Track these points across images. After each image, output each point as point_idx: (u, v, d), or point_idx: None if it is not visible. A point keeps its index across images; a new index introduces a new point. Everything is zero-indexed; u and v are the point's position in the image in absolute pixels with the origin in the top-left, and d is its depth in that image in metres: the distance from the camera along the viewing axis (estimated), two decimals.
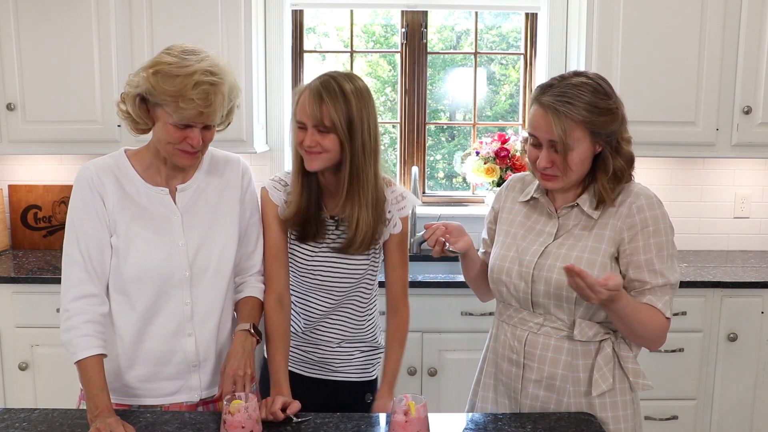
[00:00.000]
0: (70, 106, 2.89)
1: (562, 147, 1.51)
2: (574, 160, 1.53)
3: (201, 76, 1.47)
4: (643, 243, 1.54)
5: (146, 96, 1.52)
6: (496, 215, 1.79)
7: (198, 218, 1.63)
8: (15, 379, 2.80)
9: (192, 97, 1.47)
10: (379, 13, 3.54)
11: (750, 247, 3.35)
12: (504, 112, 3.60)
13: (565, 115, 1.49)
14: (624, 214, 1.56)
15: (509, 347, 1.66)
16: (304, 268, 1.78)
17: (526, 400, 1.63)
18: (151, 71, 1.49)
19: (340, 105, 1.62)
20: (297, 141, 1.68)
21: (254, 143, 2.95)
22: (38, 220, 3.27)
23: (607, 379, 1.56)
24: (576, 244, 1.58)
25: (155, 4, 2.83)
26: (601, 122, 1.51)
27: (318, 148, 1.64)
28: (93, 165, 1.60)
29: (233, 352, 1.59)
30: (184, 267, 1.60)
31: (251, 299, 1.72)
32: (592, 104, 1.50)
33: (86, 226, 1.56)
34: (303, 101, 1.66)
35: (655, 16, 2.83)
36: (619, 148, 1.56)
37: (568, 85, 1.52)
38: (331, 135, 1.64)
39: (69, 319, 1.52)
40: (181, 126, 1.52)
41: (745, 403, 2.81)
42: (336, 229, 1.77)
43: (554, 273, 1.57)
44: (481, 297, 1.89)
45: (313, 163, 1.66)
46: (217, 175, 1.68)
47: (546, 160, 1.55)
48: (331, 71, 1.70)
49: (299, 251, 1.79)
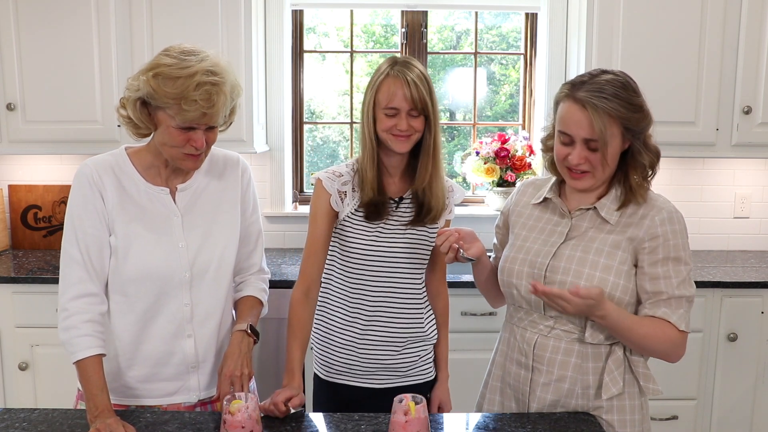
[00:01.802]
0: (70, 106, 2.89)
1: (602, 143, 1.50)
2: (611, 157, 1.53)
3: (202, 76, 1.45)
4: (663, 255, 1.53)
5: (147, 99, 1.49)
6: (506, 219, 1.78)
7: (198, 219, 1.62)
8: (15, 379, 2.80)
9: (194, 98, 1.45)
10: (379, 13, 3.54)
11: (750, 247, 3.35)
12: (504, 112, 3.60)
13: (603, 110, 1.48)
14: (646, 225, 1.54)
15: (518, 350, 1.65)
16: (371, 246, 1.80)
17: (534, 403, 1.62)
18: (151, 74, 1.46)
19: (426, 87, 1.75)
20: (384, 127, 1.75)
21: (254, 143, 2.95)
22: (38, 220, 3.27)
23: (618, 383, 1.55)
24: (590, 247, 1.57)
25: (155, 5, 2.83)
26: (635, 119, 1.51)
27: (410, 131, 1.75)
28: (93, 162, 1.58)
29: (230, 352, 1.59)
30: (184, 268, 1.59)
31: (250, 299, 1.71)
32: (626, 100, 1.50)
33: (86, 224, 1.55)
34: (393, 89, 1.73)
35: (655, 16, 2.83)
36: (647, 143, 1.56)
37: (601, 82, 1.51)
38: (421, 117, 1.75)
39: (68, 319, 1.51)
40: (185, 128, 1.50)
41: (745, 403, 2.81)
42: (396, 209, 1.83)
43: (569, 276, 1.55)
44: (492, 303, 1.87)
45: (404, 145, 1.77)
46: (216, 174, 1.67)
47: (579, 157, 1.53)
48: (396, 58, 1.81)
49: (365, 231, 1.81)
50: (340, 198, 1.82)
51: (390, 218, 1.83)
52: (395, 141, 1.76)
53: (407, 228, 1.83)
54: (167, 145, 1.53)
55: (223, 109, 1.52)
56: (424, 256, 1.88)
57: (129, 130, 1.57)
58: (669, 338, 1.52)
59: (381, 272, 1.83)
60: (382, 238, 1.82)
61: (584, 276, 1.54)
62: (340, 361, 1.85)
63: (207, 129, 1.53)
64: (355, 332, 1.84)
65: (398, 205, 1.84)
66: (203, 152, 1.56)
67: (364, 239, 1.81)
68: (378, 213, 1.81)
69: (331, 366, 1.86)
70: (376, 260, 1.82)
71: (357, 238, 1.82)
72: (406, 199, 1.85)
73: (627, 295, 1.54)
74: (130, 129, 1.57)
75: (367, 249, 1.81)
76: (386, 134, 1.76)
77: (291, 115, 3.33)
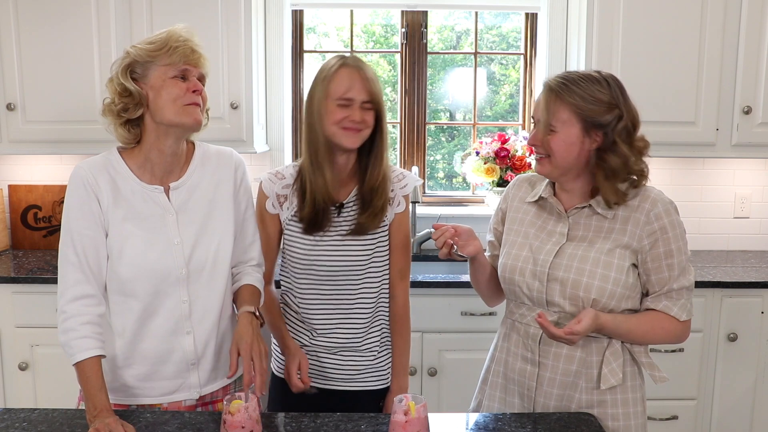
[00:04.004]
0: (70, 106, 2.89)
1: (544, 126, 1.57)
2: (557, 142, 1.56)
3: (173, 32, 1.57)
4: (664, 249, 1.57)
5: (137, 60, 1.55)
6: (504, 216, 1.78)
7: (193, 215, 1.63)
8: (15, 379, 2.80)
9: (179, 37, 1.55)
10: (379, 13, 3.54)
11: (750, 247, 3.35)
12: (504, 112, 3.60)
13: (557, 95, 1.55)
14: (642, 221, 1.57)
15: (523, 346, 1.66)
16: (310, 259, 1.78)
17: (540, 398, 1.64)
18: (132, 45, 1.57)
19: (378, 85, 1.72)
20: (336, 119, 1.68)
21: (254, 143, 2.94)
22: (38, 220, 3.27)
23: (617, 374, 1.58)
24: (592, 245, 1.60)
25: (155, 5, 2.83)
26: (592, 110, 1.54)
27: (363, 124, 1.69)
28: (87, 164, 1.59)
29: (243, 331, 1.55)
30: (180, 265, 1.59)
31: (250, 286, 1.70)
32: (587, 91, 1.54)
33: (81, 226, 1.55)
34: (347, 78, 1.68)
35: (655, 16, 2.83)
36: (616, 147, 1.55)
37: (576, 73, 1.59)
38: (372, 111, 1.71)
39: (66, 321, 1.52)
40: (180, 75, 1.55)
41: (745, 403, 2.81)
42: (338, 216, 1.78)
43: (571, 273, 1.58)
44: (487, 302, 1.87)
45: (355, 140, 1.70)
46: (210, 170, 1.67)
47: (534, 138, 1.61)
48: (341, 54, 1.77)
49: (303, 242, 1.78)
50: (278, 201, 1.80)
51: (331, 228, 1.77)
52: (345, 135, 1.68)
53: (346, 238, 1.77)
54: (167, 103, 1.54)
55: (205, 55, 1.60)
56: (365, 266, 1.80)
57: (117, 131, 1.59)
58: (669, 332, 1.59)
59: (321, 282, 1.80)
60: (321, 248, 1.77)
61: (586, 273, 1.57)
62: None
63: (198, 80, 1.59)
64: (304, 337, 1.85)
65: (339, 211, 1.78)
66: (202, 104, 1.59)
67: (303, 249, 1.79)
68: (318, 225, 1.75)
69: (283, 363, 1.84)
70: (315, 270, 1.78)
71: (296, 247, 1.80)
72: (348, 202, 1.79)
73: (627, 289, 1.58)
74: (119, 128, 1.58)
75: (305, 259, 1.79)
76: (336, 128, 1.68)
77: (291, 115, 3.33)
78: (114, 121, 1.58)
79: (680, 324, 1.59)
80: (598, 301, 1.56)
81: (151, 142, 1.59)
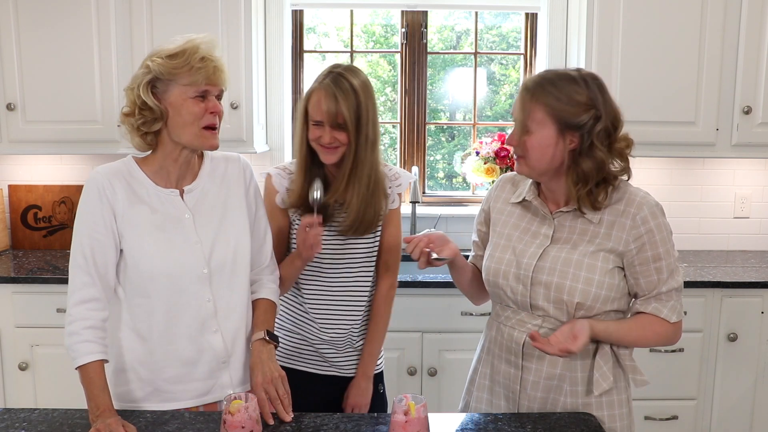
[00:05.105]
0: (70, 106, 2.89)
1: (519, 126, 1.55)
2: (533, 143, 1.54)
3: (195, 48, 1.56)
4: (651, 253, 1.54)
5: (159, 77, 1.55)
6: (487, 217, 1.77)
7: (209, 216, 1.65)
8: (15, 379, 2.80)
9: (202, 61, 1.54)
10: (379, 13, 3.54)
11: (750, 247, 3.35)
12: (504, 112, 3.60)
13: (532, 95, 1.53)
14: (629, 225, 1.54)
15: (507, 349, 1.65)
16: None
17: (524, 401, 1.63)
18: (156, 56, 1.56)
19: (351, 102, 1.73)
20: (312, 137, 1.77)
21: (254, 143, 2.95)
22: (38, 220, 3.27)
23: (608, 378, 1.57)
24: (575, 248, 1.58)
25: (155, 5, 2.83)
26: (567, 111, 1.51)
27: (336, 143, 1.75)
28: (103, 170, 1.61)
29: (254, 363, 1.62)
30: (201, 265, 1.61)
31: (263, 302, 1.74)
32: (563, 91, 1.51)
33: (91, 230, 1.57)
34: (318, 100, 1.74)
35: (655, 16, 2.83)
36: (592, 150, 1.52)
37: (553, 72, 1.56)
38: (344, 131, 1.75)
39: (71, 324, 1.54)
40: (200, 96, 1.56)
41: (745, 403, 2.81)
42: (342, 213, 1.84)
43: (555, 276, 1.56)
44: (474, 301, 1.88)
45: (331, 157, 1.77)
46: (219, 174, 1.70)
47: (511, 138, 1.59)
48: (336, 66, 1.79)
49: None
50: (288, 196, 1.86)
51: (332, 224, 1.84)
52: (322, 152, 1.78)
53: (338, 236, 1.85)
54: (186, 124, 1.57)
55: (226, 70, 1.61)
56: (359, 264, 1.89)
57: (134, 139, 1.61)
58: (660, 335, 1.58)
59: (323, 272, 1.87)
60: (324, 241, 1.81)
61: (569, 276, 1.55)
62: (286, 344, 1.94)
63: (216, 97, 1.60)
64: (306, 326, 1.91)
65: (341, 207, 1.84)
66: (218, 125, 1.61)
67: None
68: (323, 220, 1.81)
69: (284, 358, 1.92)
70: (319, 261, 1.86)
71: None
72: None
73: (612, 291, 1.56)
74: (136, 137, 1.60)
75: None
76: (315, 144, 1.78)
77: (291, 115, 3.33)
78: (131, 131, 1.60)
79: (671, 326, 1.57)
80: (582, 305, 1.55)
81: (167, 152, 1.62)
